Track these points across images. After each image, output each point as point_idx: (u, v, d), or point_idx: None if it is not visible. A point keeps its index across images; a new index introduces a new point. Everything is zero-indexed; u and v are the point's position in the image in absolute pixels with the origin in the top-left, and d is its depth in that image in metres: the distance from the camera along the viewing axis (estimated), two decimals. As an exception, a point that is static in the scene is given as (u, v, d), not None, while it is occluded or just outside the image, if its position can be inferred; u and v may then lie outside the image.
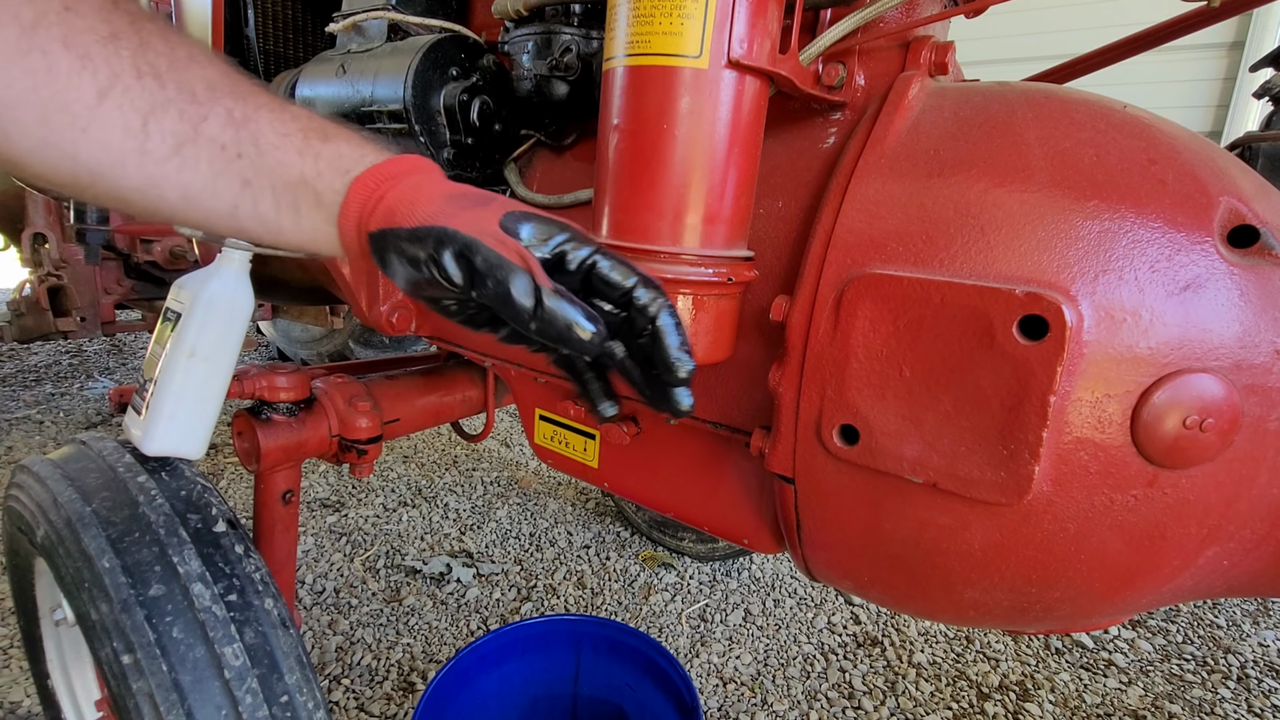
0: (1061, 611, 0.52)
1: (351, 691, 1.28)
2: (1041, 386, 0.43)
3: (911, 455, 0.49)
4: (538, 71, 0.69)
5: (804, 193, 0.60)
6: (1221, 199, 0.45)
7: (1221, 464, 0.45)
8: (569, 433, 0.85)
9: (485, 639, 0.99)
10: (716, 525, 0.74)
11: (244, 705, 0.58)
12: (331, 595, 1.54)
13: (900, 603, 0.60)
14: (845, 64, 0.59)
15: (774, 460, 0.57)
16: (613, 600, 1.59)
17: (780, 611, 1.58)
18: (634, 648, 1.02)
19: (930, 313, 0.47)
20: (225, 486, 2.02)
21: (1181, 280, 0.43)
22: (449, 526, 1.86)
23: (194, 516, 0.66)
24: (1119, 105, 0.51)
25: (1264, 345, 0.43)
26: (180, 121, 0.38)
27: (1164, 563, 0.48)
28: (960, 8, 0.62)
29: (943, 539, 0.51)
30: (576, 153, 0.79)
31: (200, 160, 0.38)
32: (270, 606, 0.64)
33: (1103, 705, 1.34)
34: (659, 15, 0.47)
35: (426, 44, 0.69)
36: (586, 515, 1.95)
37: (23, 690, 1.24)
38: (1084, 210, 0.45)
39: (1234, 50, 2.74)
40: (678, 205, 0.51)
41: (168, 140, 0.37)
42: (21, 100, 0.34)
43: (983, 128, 0.51)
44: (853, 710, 1.30)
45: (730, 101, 0.50)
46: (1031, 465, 0.45)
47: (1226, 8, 0.59)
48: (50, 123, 0.35)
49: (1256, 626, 1.59)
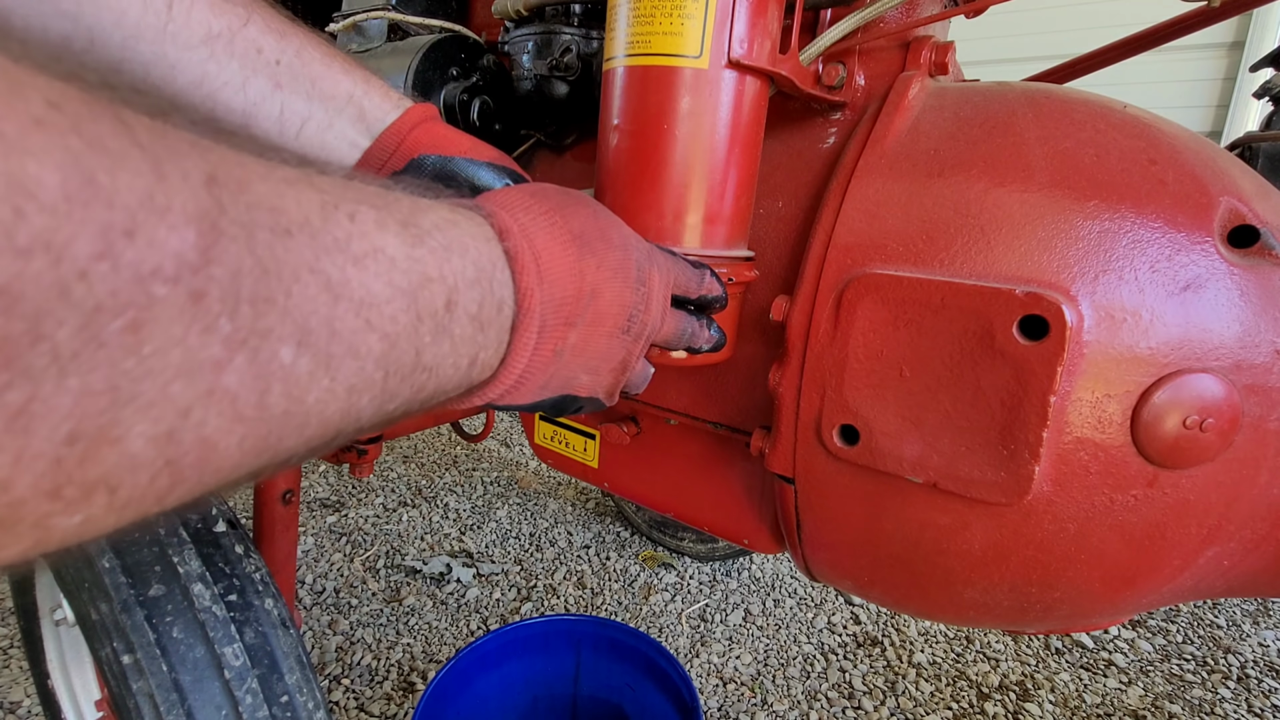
0: (1061, 611, 0.52)
1: (351, 691, 1.28)
2: (1041, 386, 0.43)
3: (911, 455, 0.49)
4: (538, 71, 0.69)
5: (804, 193, 0.60)
6: (1222, 199, 0.45)
7: (1222, 464, 0.45)
8: (569, 433, 0.85)
9: (485, 639, 0.99)
10: (716, 525, 0.74)
11: (244, 705, 0.58)
12: (331, 595, 1.54)
13: (900, 603, 0.60)
14: (845, 64, 0.59)
15: (774, 460, 0.57)
16: (613, 600, 1.59)
17: (780, 611, 1.58)
18: (634, 648, 1.02)
19: (930, 313, 0.47)
20: (225, 486, 2.02)
21: (1182, 280, 0.43)
22: (449, 526, 1.86)
23: (194, 516, 0.66)
24: (1119, 105, 0.51)
25: (1264, 345, 0.43)
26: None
27: (1164, 563, 0.48)
28: (960, 8, 0.62)
29: (943, 539, 0.51)
30: (576, 153, 0.79)
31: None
32: (270, 606, 0.64)
33: (1103, 705, 1.34)
34: (659, 15, 0.47)
35: (426, 44, 0.69)
36: (586, 515, 1.95)
37: (23, 690, 1.24)
38: (1084, 210, 0.45)
39: (1234, 50, 2.74)
40: (678, 205, 0.51)
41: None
42: None
43: (983, 128, 0.51)
44: (853, 710, 1.30)
45: (730, 101, 0.50)
46: (1031, 465, 0.45)
47: (1226, 8, 0.59)
48: None
49: (1256, 626, 1.59)
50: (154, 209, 0.16)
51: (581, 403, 0.40)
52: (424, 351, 0.26)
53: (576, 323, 0.35)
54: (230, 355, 0.18)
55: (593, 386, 0.39)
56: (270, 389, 0.20)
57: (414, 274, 0.25)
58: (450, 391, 0.30)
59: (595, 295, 0.36)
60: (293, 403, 0.21)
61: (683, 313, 0.46)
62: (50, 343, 0.14)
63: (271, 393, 0.20)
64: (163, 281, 0.16)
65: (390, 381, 0.25)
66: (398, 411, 0.27)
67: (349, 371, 0.23)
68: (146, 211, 0.16)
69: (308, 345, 0.21)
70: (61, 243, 0.14)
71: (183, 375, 0.17)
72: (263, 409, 0.20)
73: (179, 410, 0.17)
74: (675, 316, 0.45)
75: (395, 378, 0.25)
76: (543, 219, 0.35)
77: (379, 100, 0.44)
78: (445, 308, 0.27)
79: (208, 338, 0.17)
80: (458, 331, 0.28)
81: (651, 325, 0.41)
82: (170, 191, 0.16)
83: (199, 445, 0.18)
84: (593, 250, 0.36)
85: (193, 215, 0.17)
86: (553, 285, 0.34)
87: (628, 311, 0.38)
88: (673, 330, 0.45)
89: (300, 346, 0.20)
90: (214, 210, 0.18)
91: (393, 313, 0.24)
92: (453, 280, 0.28)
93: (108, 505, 0.17)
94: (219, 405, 0.18)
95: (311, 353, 0.21)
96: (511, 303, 0.32)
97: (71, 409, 0.15)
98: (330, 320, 0.22)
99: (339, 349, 0.22)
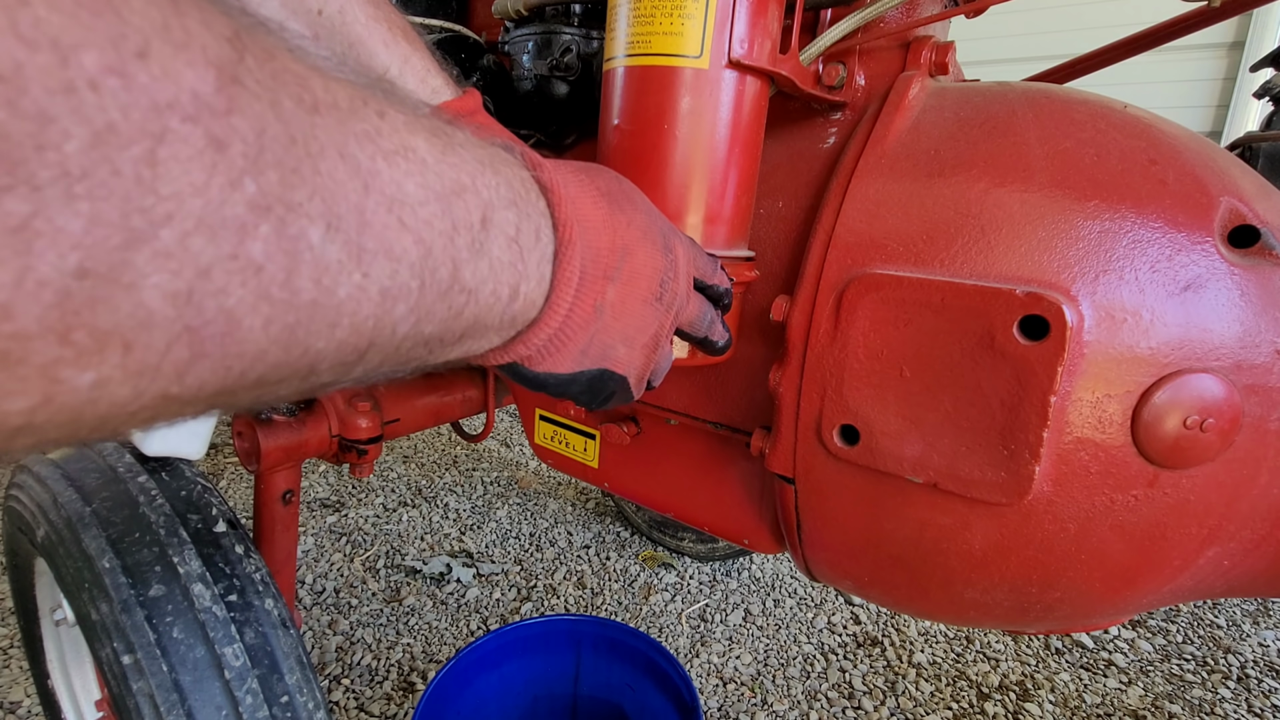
0: (1062, 611, 0.52)
1: (351, 691, 1.28)
2: (1042, 386, 0.43)
3: (912, 455, 0.49)
4: (538, 71, 0.69)
5: (804, 193, 0.60)
6: (1222, 199, 0.45)
7: (1222, 464, 0.45)
8: (569, 433, 0.85)
9: (485, 639, 0.99)
10: (716, 525, 0.74)
11: (244, 705, 0.58)
12: (331, 595, 1.54)
13: (900, 603, 0.60)
14: (845, 64, 0.59)
15: (774, 460, 0.57)
16: (613, 600, 1.59)
17: (780, 611, 1.58)
18: (634, 648, 1.02)
19: (931, 313, 0.47)
20: (225, 486, 2.02)
21: (1182, 280, 0.43)
22: (449, 526, 1.86)
23: (194, 517, 0.66)
24: (1119, 105, 0.51)
25: (1264, 345, 0.43)
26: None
27: (1164, 563, 0.48)
28: (960, 8, 0.62)
29: (943, 539, 0.51)
30: (576, 153, 0.79)
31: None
32: (270, 606, 0.64)
33: (1103, 705, 1.34)
34: (659, 15, 0.47)
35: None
36: (586, 515, 1.95)
37: (23, 690, 1.24)
38: (1084, 210, 0.45)
39: (1234, 50, 2.74)
40: (678, 205, 0.51)
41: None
42: None
43: (983, 128, 0.51)
44: (853, 710, 1.30)
45: (731, 102, 0.50)
46: (1032, 465, 0.45)
47: (1226, 8, 0.59)
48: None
49: (1256, 626, 1.59)
50: (170, 40, 0.15)
51: (616, 384, 0.39)
52: (462, 267, 0.25)
53: (614, 277, 0.34)
54: (256, 221, 0.17)
55: (629, 361, 0.38)
56: (298, 270, 0.19)
57: (447, 179, 0.24)
58: (492, 326, 0.29)
59: (628, 252, 0.35)
60: (322, 292, 0.20)
61: (703, 297, 0.45)
62: (58, 153, 0.13)
63: (300, 274, 0.19)
64: (181, 118, 0.15)
65: (427, 295, 0.24)
66: (434, 337, 0.26)
67: (382, 271, 0.21)
68: (162, 41, 0.15)
69: (338, 230, 0.20)
70: (69, 43, 0.13)
71: (204, 229, 0.16)
72: (290, 291, 0.19)
73: (199, 269, 0.16)
74: (697, 299, 0.44)
75: (432, 292, 0.24)
76: (570, 174, 0.34)
77: (414, 85, 0.42)
78: (481, 223, 0.26)
79: (231, 194, 0.17)
80: (496, 253, 0.27)
81: (680, 299, 0.40)
82: (189, 30, 0.16)
83: (221, 317, 0.17)
84: (621, 208, 0.35)
85: (213, 59, 0.16)
86: (588, 230, 0.32)
87: (659, 276, 0.37)
88: (696, 313, 0.44)
89: (330, 230, 0.19)
90: (235, 63, 0.17)
91: (427, 216, 0.23)
92: (488, 195, 0.26)
93: (122, 366, 0.16)
94: (243, 275, 0.17)
95: (342, 240, 0.20)
96: (550, 233, 0.31)
97: (81, 237, 0.14)
98: (361, 210, 0.20)
99: (371, 243, 0.21)
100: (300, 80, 0.19)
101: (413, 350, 0.25)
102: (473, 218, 0.25)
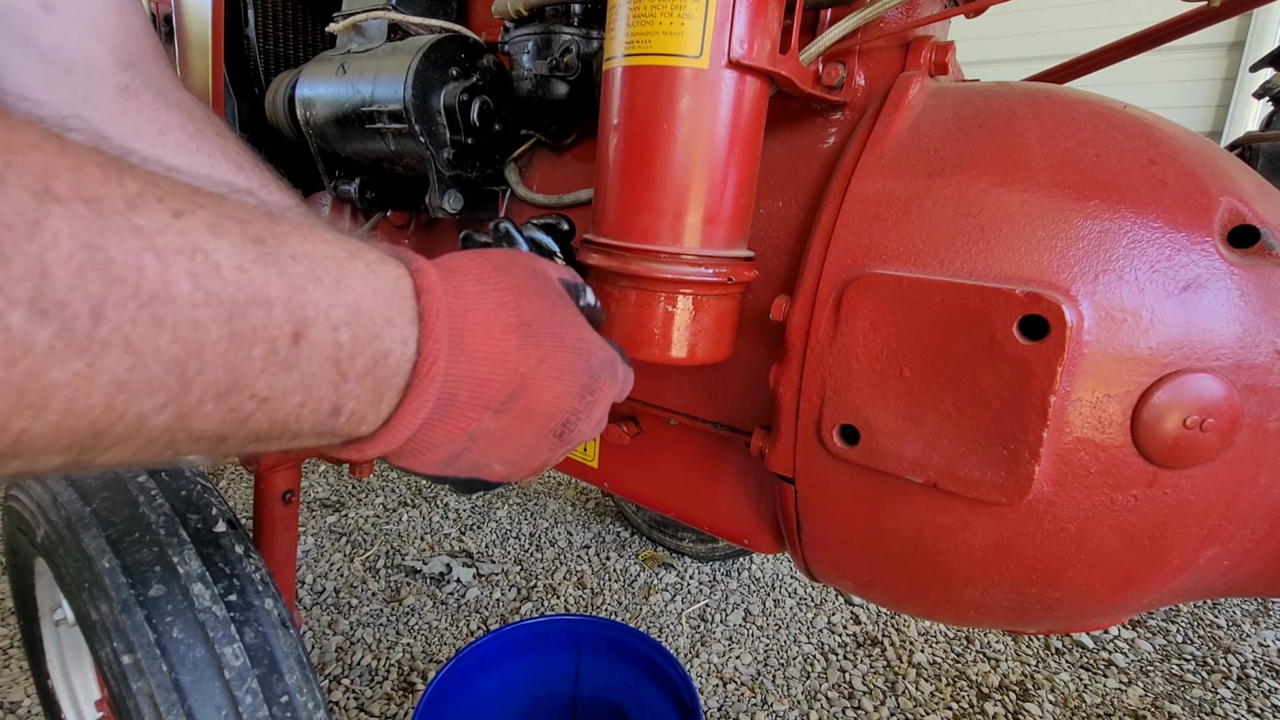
0: (1061, 611, 0.52)
1: (351, 691, 1.28)
2: (1042, 386, 0.43)
3: (912, 455, 0.49)
4: (538, 71, 0.69)
5: (804, 193, 0.60)
6: (1222, 199, 0.45)
7: (1222, 464, 0.45)
8: (569, 433, 0.85)
9: (485, 639, 0.99)
10: (716, 525, 0.74)
11: (244, 705, 0.58)
12: (331, 595, 1.54)
13: (900, 603, 0.60)
14: (845, 64, 0.59)
15: (774, 460, 0.57)
16: (613, 600, 1.59)
17: (780, 611, 1.58)
18: (634, 648, 1.02)
19: (930, 313, 0.47)
20: (225, 486, 2.02)
21: (1182, 280, 0.43)
22: (449, 526, 1.86)
23: (194, 516, 0.66)
24: (1119, 105, 0.51)
25: (1264, 345, 0.43)
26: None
27: (1164, 563, 0.48)
28: (960, 8, 0.62)
29: (943, 539, 0.51)
30: (577, 153, 0.79)
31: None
32: (270, 606, 0.64)
33: (1103, 705, 1.34)
34: (659, 15, 0.47)
35: (426, 44, 0.69)
36: (586, 515, 1.95)
37: (23, 690, 1.24)
38: (1084, 210, 0.45)
39: (1234, 50, 2.74)
40: (678, 205, 0.51)
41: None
42: None
43: (983, 128, 0.51)
44: (853, 710, 1.30)
45: (730, 101, 0.49)
46: (1032, 465, 0.45)
47: (1226, 8, 0.59)
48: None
49: (1256, 626, 1.59)
50: None
51: (491, 487, 0.40)
52: (251, 376, 0.25)
53: (499, 410, 0.34)
54: None
55: (507, 475, 0.39)
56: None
57: (242, 288, 0.24)
58: (307, 434, 0.29)
59: (528, 389, 0.35)
60: (20, 374, 0.19)
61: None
62: None
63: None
64: None
65: (192, 394, 0.23)
66: (220, 435, 0.26)
67: (118, 363, 0.21)
68: None
69: (50, 316, 0.19)
70: None
71: None
72: None
73: None
74: (605, 421, 0.44)
75: (200, 393, 0.24)
76: (492, 294, 0.34)
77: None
78: (290, 339, 0.25)
79: None
80: (309, 370, 0.26)
81: (586, 435, 0.40)
82: None
83: None
84: (538, 343, 0.35)
85: None
86: (473, 362, 0.32)
87: (564, 416, 0.37)
88: (594, 434, 0.44)
89: (39, 315, 0.19)
90: None
91: (199, 319, 0.22)
92: (307, 313, 0.26)
93: None
94: None
95: (58, 327, 0.19)
96: (410, 363, 0.30)
97: None
98: (99, 300, 0.20)
99: (105, 334, 0.20)
100: (46, 171, 0.19)
101: (199, 444, 0.25)
102: (275, 331, 0.25)
